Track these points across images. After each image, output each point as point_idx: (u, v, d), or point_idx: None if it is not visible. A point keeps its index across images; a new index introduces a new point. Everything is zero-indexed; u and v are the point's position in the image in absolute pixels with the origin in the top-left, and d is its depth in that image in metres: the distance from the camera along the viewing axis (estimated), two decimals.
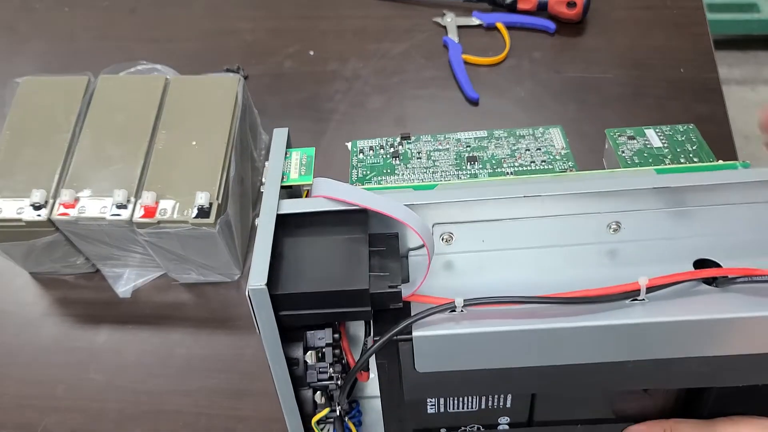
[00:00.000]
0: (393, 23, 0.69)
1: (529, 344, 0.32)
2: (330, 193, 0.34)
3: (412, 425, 0.38)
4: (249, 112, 0.55)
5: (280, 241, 0.33)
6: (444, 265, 0.35)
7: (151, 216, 0.46)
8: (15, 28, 0.72)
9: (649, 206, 0.34)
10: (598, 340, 0.32)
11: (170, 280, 0.54)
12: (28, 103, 0.53)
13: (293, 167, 0.37)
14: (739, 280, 0.32)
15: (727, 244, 0.34)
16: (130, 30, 0.71)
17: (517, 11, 0.68)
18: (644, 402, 0.37)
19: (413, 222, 0.32)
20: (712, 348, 0.32)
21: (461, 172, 0.41)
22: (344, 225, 0.33)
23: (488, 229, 0.34)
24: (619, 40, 0.66)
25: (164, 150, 0.50)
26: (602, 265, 0.34)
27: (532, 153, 0.42)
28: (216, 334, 0.52)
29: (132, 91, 0.53)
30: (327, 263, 0.32)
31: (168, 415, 0.49)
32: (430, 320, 0.31)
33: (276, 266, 0.32)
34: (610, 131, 0.42)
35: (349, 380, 0.35)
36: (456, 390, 0.36)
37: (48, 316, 0.54)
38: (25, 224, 0.48)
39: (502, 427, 0.39)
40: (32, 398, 0.50)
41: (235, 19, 0.71)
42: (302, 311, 0.32)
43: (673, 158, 0.39)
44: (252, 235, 0.56)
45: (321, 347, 0.35)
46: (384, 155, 0.43)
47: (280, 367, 0.34)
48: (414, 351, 0.32)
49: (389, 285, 0.31)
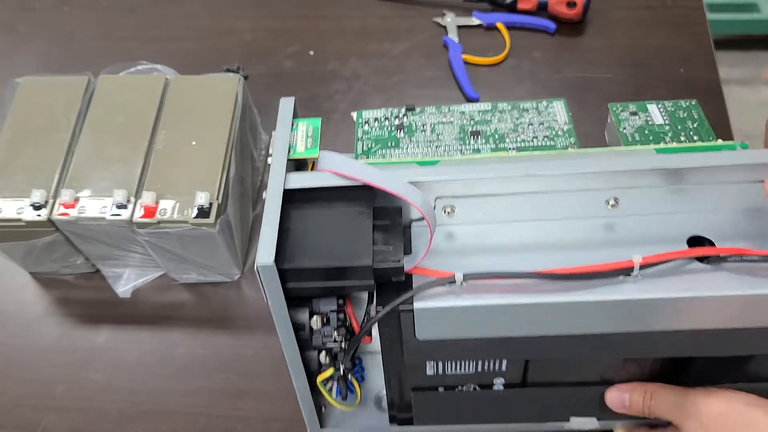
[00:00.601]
0: (393, 23, 0.69)
1: (525, 317, 0.33)
2: (335, 168, 0.35)
3: (411, 384, 0.40)
4: (249, 112, 0.55)
5: (287, 214, 0.34)
6: (446, 235, 0.36)
7: (151, 216, 0.46)
8: (15, 28, 0.72)
9: (647, 184, 0.35)
10: (591, 314, 0.33)
11: (170, 280, 0.54)
12: (28, 103, 0.53)
13: (299, 139, 0.37)
14: (729, 259, 0.33)
15: (722, 223, 0.35)
16: (130, 30, 0.71)
17: (517, 11, 0.68)
18: (632, 369, 0.39)
19: (416, 200, 0.33)
20: (699, 322, 0.33)
21: (464, 147, 0.41)
22: (349, 199, 0.35)
23: (489, 203, 0.35)
24: (619, 40, 0.66)
25: (164, 150, 0.50)
26: (599, 239, 0.35)
27: (535, 128, 0.42)
28: (216, 334, 0.52)
29: (132, 91, 0.53)
30: (332, 238, 0.33)
31: (168, 415, 0.49)
32: (431, 292, 0.33)
33: (283, 240, 0.33)
34: (612, 105, 0.43)
35: (353, 346, 0.37)
36: (454, 356, 0.37)
37: (48, 316, 0.54)
38: (25, 224, 0.48)
39: (497, 387, 0.40)
40: (32, 398, 0.50)
41: (235, 19, 0.71)
42: (308, 284, 0.33)
43: (673, 136, 0.39)
44: (252, 235, 0.56)
45: (326, 313, 0.36)
46: (389, 127, 0.43)
47: (286, 333, 0.35)
48: (415, 321, 0.34)
49: (392, 260, 0.33)
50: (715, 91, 0.61)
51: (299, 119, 0.39)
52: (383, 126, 0.43)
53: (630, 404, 0.39)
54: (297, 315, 0.36)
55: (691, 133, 0.40)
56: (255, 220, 0.57)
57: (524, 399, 0.41)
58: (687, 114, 0.41)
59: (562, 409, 0.42)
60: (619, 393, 0.39)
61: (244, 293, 0.54)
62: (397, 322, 0.34)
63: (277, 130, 0.38)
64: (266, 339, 0.51)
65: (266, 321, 0.52)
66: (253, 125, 0.57)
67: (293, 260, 0.33)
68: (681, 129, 0.40)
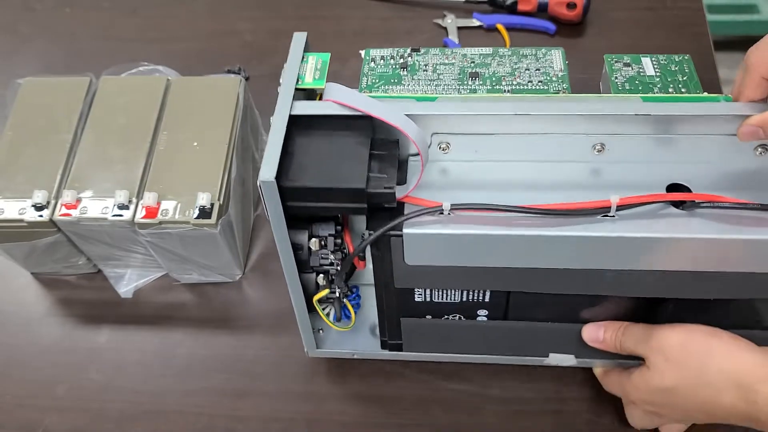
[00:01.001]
0: (393, 24, 0.70)
1: (507, 248, 0.36)
2: (340, 98, 0.37)
3: (401, 311, 0.43)
4: (250, 113, 0.55)
5: (291, 138, 0.36)
6: (439, 171, 0.38)
7: (152, 216, 0.47)
8: (16, 29, 0.72)
9: (632, 131, 0.36)
10: (568, 248, 0.35)
11: (171, 280, 0.54)
12: (30, 104, 0.53)
13: (308, 71, 0.39)
14: (703, 205, 0.35)
15: (702, 171, 0.37)
16: (132, 31, 0.71)
17: (518, 12, 0.69)
18: (607, 311, 0.42)
19: (411, 130, 0.35)
20: (670, 264, 0.35)
21: (462, 86, 0.43)
22: (350, 128, 0.37)
23: (482, 141, 0.37)
24: (619, 41, 0.66)
25: (166, 151, 0.50)
26: (584, 181, 0.37)
27: (531, 73, 0.43)
28: (217, 334, 0.52)
29: (133, 92, 0.53)
30: (331, 162, 0.36)
31: (168, 415, 0.49)
32: (420, 220, 0.36)
33: (285, 161, 0.35)
34: (608, 57, 0.44)
35: (346, 265, 0.40)
36: (440, 282, 0.40)
37: (49, 316, 0.54)
38: (27, 225, 0.48)
39: (480, 319, 0.43)
40: (33, 398, 0.50)
41: (236, 20, 0.71)
42: (306, 203, 0.36)
43: (662, 88, 0.41)
44: (254, 236, 0.56)
45: (324, 236, 0.39)
46: (394, 65, 0.45)
47: (286, 251, 0.38)
48: (404, 246, 0.36)
49: (385, 186, 0.35)
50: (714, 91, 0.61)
51: (309, 53, 0.40)
52: (388, 64, 0.45)
53: (604, 339, 0.42)
54: (296, 236, 0.38)
55: (680, 86, 0.42)
56: (256, 220, 0.57)
57: (506, 331, 0.44)
58: (678, 68, 0.43)
59: (541, 344, 0.45)
60: (595, 328, 0.42)
61: (245, 293, 0.54)
62: (387, 247, 0.37)
63: (288, 61, 0.40)
64: (267, 339, 0.51)
65: (267, 321, 0.52)
66: (254, 126, 0.57)
67: (293, 180, 0.35)
68: (670, 81, 0.42)
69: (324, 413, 0.48)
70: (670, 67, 0.43)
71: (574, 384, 0.48)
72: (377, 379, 0.49)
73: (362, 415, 0.48)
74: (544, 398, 0.48)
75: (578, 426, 0.47)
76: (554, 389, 0.48)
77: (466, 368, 0.49)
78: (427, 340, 0.46)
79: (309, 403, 0.49)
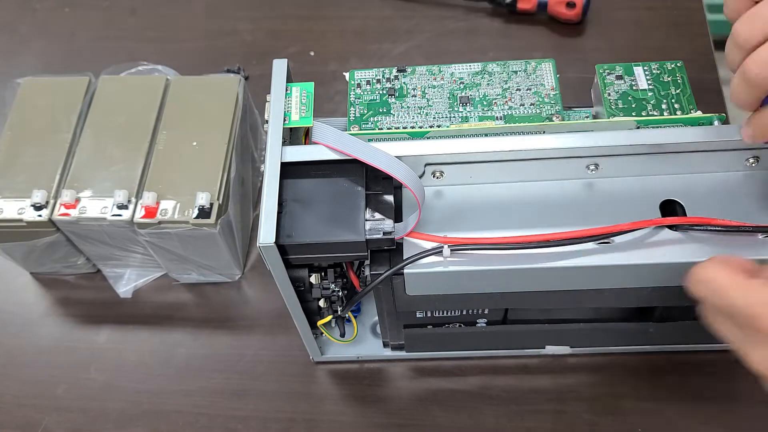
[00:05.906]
0: (393, 24, 0.70)
1: (506, 278, 0.37)
2: (329, 142, 0.37)
3: (403, 323, 0.45)
4: (249, 112, 0.55)
5: (285, 188, 0.37)
6: (435, 193, 0.39)
7: (151, 216, 0.47)
8: (16, 28, 0.72)
9: (626, 152, 0.38)
10: (566, 276, 0.37)
11: (171, 280, 0.54)
12: (29, 103, 0.53)
13: (294, 107, 0.39)
14: (696, 227, 0.36)
15: (695, 183, 0.39)
16: (131, 30, 0.71)
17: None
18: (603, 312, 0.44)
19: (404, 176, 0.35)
20: (664, 282, 0.37)
21: (453, 114, 0.42)
22: (343, 172, 0.38)
23: (476, 168, 0.39)
24: (618, 41, 0.66)
25: (165, 150, 0.50)
26: (579, 197, 0.39)
27: (522, 94, 0.43)
28: (216, 334, 0.52)
29: (133, 91, 0.53)
30: (328, 211, 0.36)
31: (168, 415, 0.49)
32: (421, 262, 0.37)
33: (282, 217, 0.36)
34: (599, 66, 0.44)
35: (350, 303, 0.41)
36: (441, 306, 0.42)
37: (49, 316, 0.54)
38: (26, 224, 0.48)
39: (480, 325, 0.45)
40: (33, 398, 0.50)
41: (236, 20, 0.71)
42: (306, 255, 0.37)
43: (656, 104, 0.42)
44: (253, 236, 0.56)
45: (324, 267, 0.39)
46: (381, 90, 0.44)
47: (288, 292, 0.39)
48: (405, 283, 0.38)
49: (384, 232, 0.36)
50: (714, 91, 0.61)
51: (292, 84, 0.40)
52: (375, 89, 0.44)
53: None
54: (296, 273, 0.39)
55: (673, 101, 0.42)
56: (255, 220, 0.57)
57: (504, 334, 0.46)
58: (671, 78, 0.43)
59: (539, 340, 0.47)
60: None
61: (244, 293, 0.54)
62: (389, 284, 0.39)
63: (272, 96, 0.39)
64: (267, 339, 0.51)
65: (267, 321, 0.52)
66: (254, 126, 0.57)
67: (291, 236, 0.36)
68: (663, 95, 0.42)
69: (324, 413, 0.48)
70: (662, 77, 0.43)
71: (574, 384, 0.48)
72: (377, 378, 0.49)
73: (362, 415, 0.48)
74: (544, 398, 0.48)
75: (578, 426, 0.47)
76: (554, 389, 0.48)
77: (466, 368, 0.49)
78: (429, 344, 0.48)
79: (309, 402, 0.49)
